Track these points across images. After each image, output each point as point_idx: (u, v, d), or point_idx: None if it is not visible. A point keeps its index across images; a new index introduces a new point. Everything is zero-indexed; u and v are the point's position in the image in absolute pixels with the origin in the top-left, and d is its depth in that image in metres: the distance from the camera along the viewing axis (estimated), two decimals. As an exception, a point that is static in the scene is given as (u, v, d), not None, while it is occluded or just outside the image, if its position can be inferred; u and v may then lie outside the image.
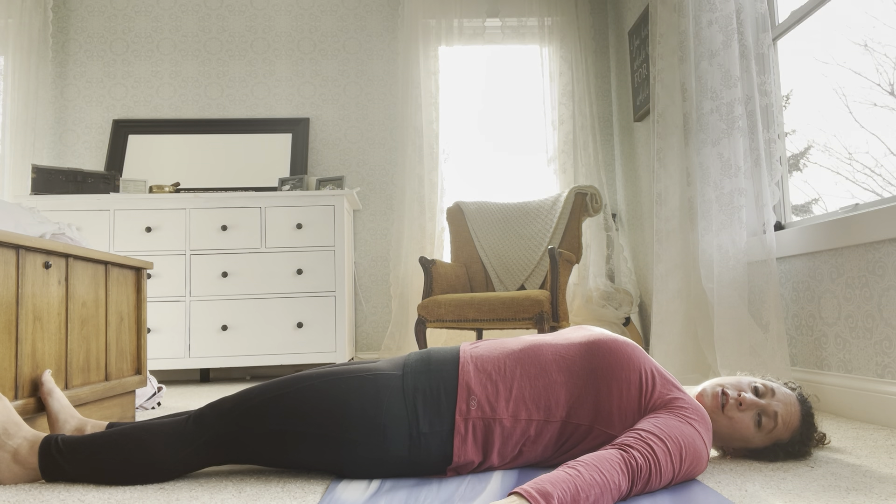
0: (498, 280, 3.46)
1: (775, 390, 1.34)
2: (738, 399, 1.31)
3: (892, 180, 2.70)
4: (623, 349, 1.27)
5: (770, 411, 1.31)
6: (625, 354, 1.26)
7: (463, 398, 1.25)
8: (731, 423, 1.32)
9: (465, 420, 1.24)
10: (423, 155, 3.88)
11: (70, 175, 3.39)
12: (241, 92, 4.01)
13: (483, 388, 1.26)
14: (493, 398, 1.25)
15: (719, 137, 2.38)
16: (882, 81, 2.58)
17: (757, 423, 1.32)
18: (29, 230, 1.79)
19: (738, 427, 1.32)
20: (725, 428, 1.33)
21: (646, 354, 1.29)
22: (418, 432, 1.23)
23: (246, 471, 1.43)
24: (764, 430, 1.32)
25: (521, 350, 1.31)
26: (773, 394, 1.34)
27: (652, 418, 1.18)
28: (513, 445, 1.25)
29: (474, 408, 1.24)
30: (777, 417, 1.31)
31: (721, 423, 1.33)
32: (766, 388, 1.34)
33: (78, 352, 1.80)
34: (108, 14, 4.02)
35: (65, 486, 1.32)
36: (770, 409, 1.31)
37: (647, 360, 1.28)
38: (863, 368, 1.89)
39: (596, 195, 3.35)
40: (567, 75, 3.96)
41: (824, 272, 2.06)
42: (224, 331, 3.35)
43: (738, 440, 1.34)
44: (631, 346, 1.29)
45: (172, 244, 3.38)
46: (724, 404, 1.32)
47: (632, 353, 1.27)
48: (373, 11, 4.09)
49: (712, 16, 2.43)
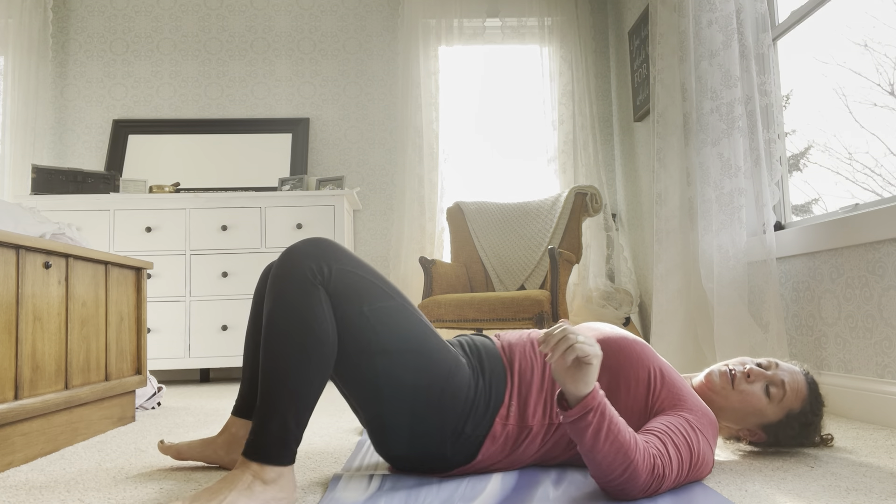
0: (498, 280, 3.46)
1: (778, 363, 1.39)
2: (745, 372, 1.35)
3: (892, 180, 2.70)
4: (633, 347, 1.27)
5: (777, 380, 1.35)
6: (634, 352, 1.26)
7: (506, 404, 1.25)
8: (743, 398, 1.34)
9: (504, 426, 1.24)
10: (423, 155, 3.88)
11: (70, 175, 3.39)
12: (241, 92, 4.01)
13: (521, 397, 1.26)
14: (526, 405, 1.25)
15: (719, 137, 2.38)
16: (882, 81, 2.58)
17: (766, 392, 1.34)
18: (29, 230, 1.79)
19: (750, 400, 1.34)
20: (738, 403, 1.35)
21: (654, 353, 1.30)
22: (462, 431, 1.22)
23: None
24: (774, 399, 1.34)
25: (544, 354, 1.30)
26: (776, 366, 1.38)
27: (663, 420, 1.18)
28: (534, 449, 1.26)
29: (513, 413, 1.25)
30: (785, 385, 1.34)
31: (733, 401, 1.35)
32: (769, 363, 1.39)
33: (78, 352, 1.80)
34: (108, 14, 4.02)
35: (65, 485, 1.32)
36: (777, 378, 1.35)
37: (655, 358, 1.28)
38: (863, 368, 1.89)
39: (596, 195, 3.35)
40: (567, 75, 3.96)
41: (824, 272, 2.06)
42: (224, 331, 3.35)
43: (752, 414, 1.35)
44: (640, 344, 1.29)
45: (172, 244, 3.38)
46: (733, 379, 1.35)
47: (641, 352, 1.27)
48: (373, 11, 4.09)
49: (712, 16, 2.43)
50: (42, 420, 1.64)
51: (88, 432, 1.88)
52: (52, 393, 1.66)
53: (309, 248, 1.18)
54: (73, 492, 1.27)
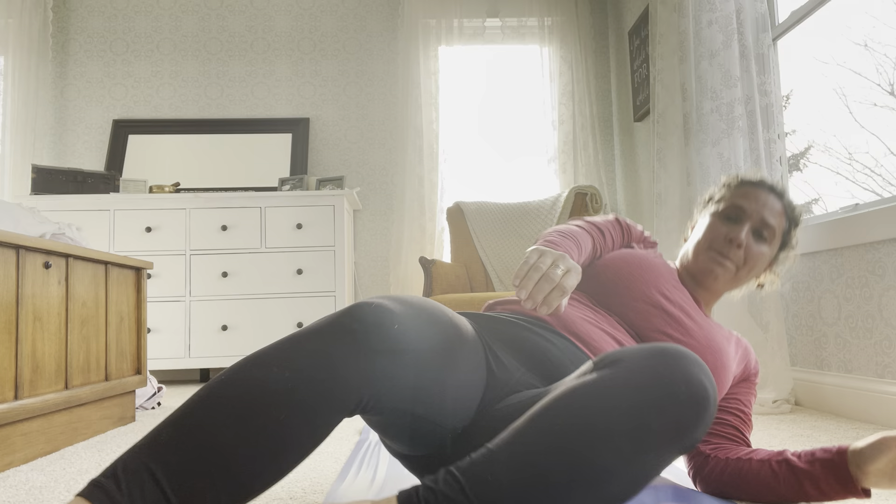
0: (498, 280, 3.46)
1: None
2: (735, 244, 1.21)
3: (892, 180, 2.70)
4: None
5: (756, 222, 1.22)
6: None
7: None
8: (751, 265, 1.22)
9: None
10: (423, 155, 3.88)
11: (70, 175, 3.39)
12: (241, 92, 4.01)
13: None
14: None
15: (719, 137, 2.38)
16: (882, 81, 2.58)
17: (762, 238, 1.23)
18: (29, 230, 1.79)
19: (761, 260, 1.23)
20: (751, 274, 1.24)
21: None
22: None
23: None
24: (770, 238, 1.23)
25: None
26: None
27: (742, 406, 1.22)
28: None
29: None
30: (764, 222, 1.22)
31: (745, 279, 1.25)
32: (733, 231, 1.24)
33: (78, 352, 1.80)
34: (108, 14, 4.02)
35: (65, 485, 1.32)
36: (749, 225, 1.23)
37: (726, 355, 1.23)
38: (863, 368, 1.89)
39: (596, 195, 3.35)
40: (567, 75, 3.96)
41: (824, 272, 2.06)
42: (224, 331, 3.35)
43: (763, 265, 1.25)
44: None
45: (172, 244, 3.38)
46: (738, 270, 1.23)
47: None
48: (373, 11, 4.09)
49: (712, 16, 2.43)
50: (42, 420, 1.64)
51: (88, 432, 1.88)
52: (52, 393, 1.66)
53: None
54: (74, 492, 1.26)
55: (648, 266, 1.24)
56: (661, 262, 1.27)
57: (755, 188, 1.25)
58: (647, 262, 1.25)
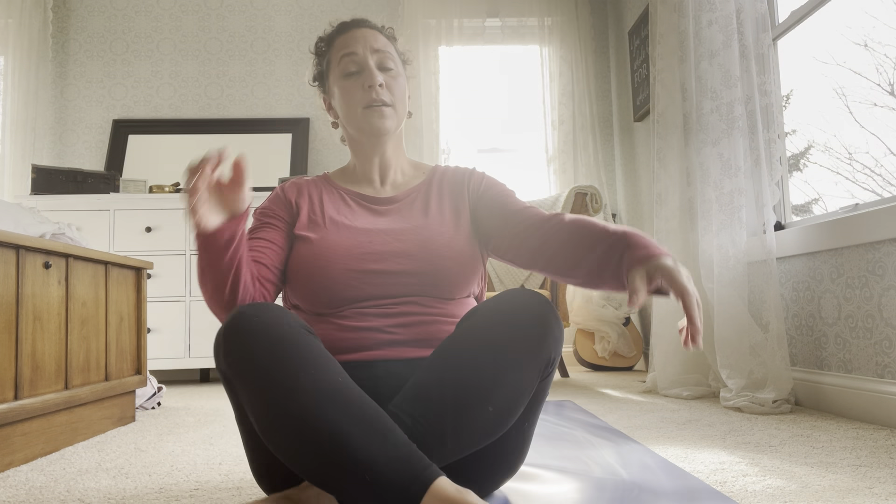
0: (498, 280, 3.46)
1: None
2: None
3: (892, 180, 2.70)
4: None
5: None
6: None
7: None
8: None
9: None
10: (424, 155, 3.88)
11: (70, 175, 3.39)
12: (241, 92, 4.01)
13: None
14: None
15: (719, 137, 2.38)
16: (882, 81, 2.58)
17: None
18: (29, 230, 1.79)
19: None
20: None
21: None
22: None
23: (246, 471, 1.43)
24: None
25: None
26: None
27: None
28: None
29: None
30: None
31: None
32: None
33: (78, 352, 1.80)
34: (108, 14, 4.02)
35: (65, 485, 1.32)
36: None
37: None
38: (863, 368, 1.89)
39: (596, 195, 3.35)
40: (567, 75, 3.96)
41: (824, 272, 2.06)
42: (224, 331, 3.35)
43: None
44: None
45: (172, 244, 3.38)
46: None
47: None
48: (373, 11, 4.09)
49: (712, 16, 2.43)
50: (42, 420, 1.64)
51: (88, 432, 1.88)
52: (52, 393, 1.66)
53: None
54: (73, 492, 1.26)
55: (324, 244, 1.17)
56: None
57: (344, 34, 1.25)
58: (322, 243, 1.18)
